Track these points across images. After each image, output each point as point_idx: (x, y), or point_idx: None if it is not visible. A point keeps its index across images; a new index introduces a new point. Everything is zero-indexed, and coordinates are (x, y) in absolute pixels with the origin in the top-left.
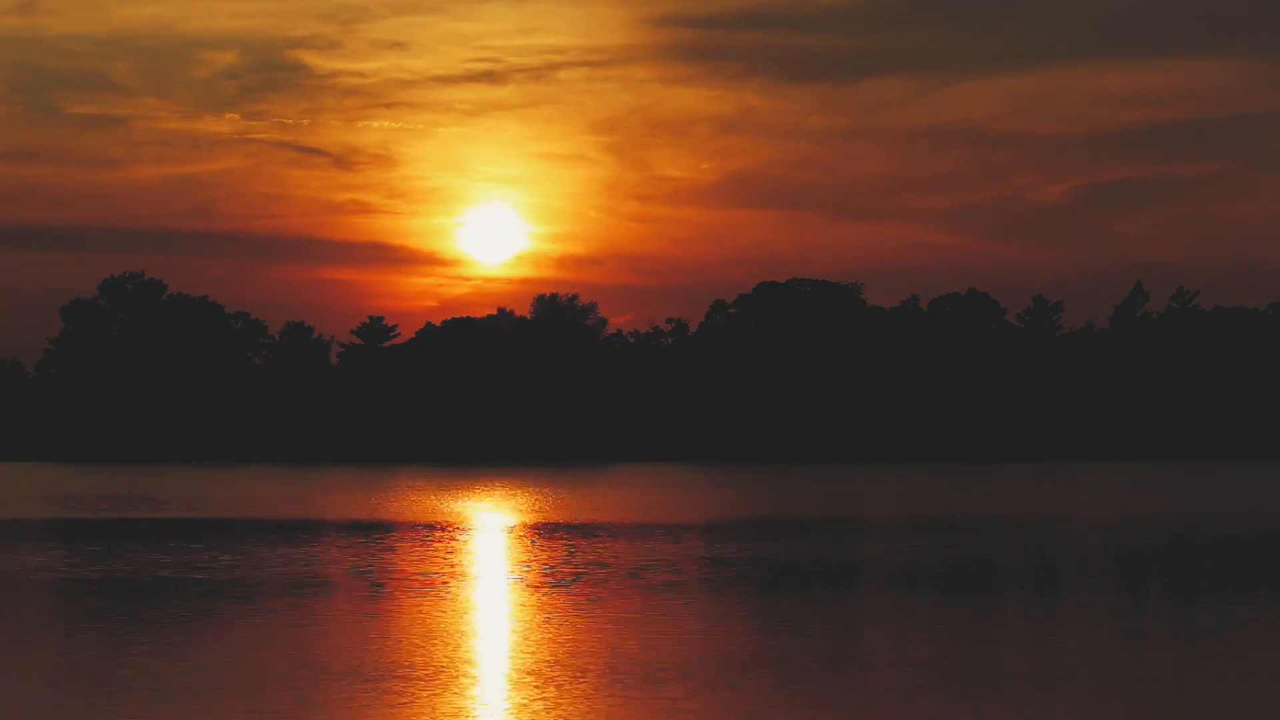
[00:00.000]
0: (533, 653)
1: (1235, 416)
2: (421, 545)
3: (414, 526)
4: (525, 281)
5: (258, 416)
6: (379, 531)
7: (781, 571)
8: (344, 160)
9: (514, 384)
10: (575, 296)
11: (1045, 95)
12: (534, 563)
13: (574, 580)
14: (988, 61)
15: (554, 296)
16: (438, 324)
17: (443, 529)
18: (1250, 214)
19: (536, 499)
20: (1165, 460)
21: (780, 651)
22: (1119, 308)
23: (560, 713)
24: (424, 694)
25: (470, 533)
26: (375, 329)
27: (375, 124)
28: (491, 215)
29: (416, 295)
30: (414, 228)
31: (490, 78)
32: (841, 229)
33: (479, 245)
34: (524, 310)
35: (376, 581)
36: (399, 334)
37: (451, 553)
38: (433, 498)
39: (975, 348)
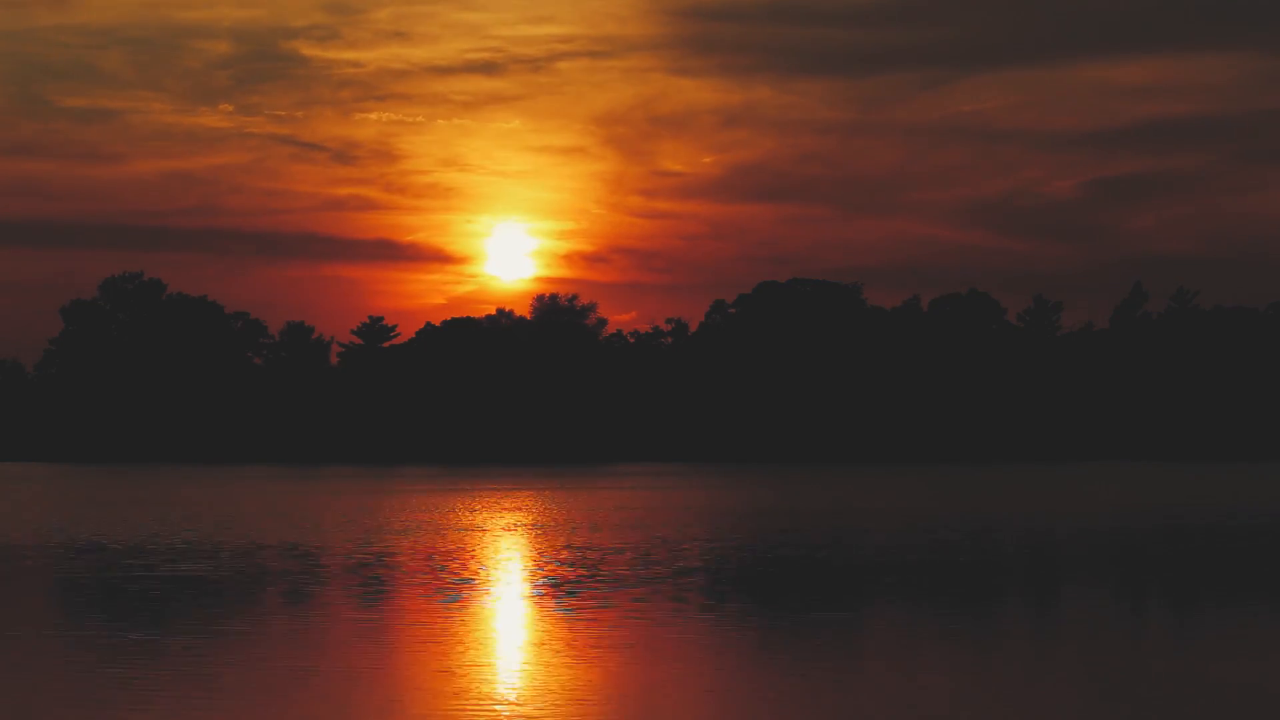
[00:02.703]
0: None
1: (1235, 416)
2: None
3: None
4: (528, 278)
5: (258, 416)
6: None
7: (780, 569)
8: (344, 155)
9: (513, 384)
10: (575, 296)
11: (1054, 89)
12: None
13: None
14: (996, 55)
15: (554, 297)
16: (438, 324)
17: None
18: (1260, 210)
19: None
20: (1165, 460)
21: (776, 648)
22: (1119, 308)
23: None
24: None
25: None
26: (375, 329)
27: (373, 116)
28: (493, 210)
29: (420, 293)
30: (415, 223)
31: (490, 68)
32: (848, 224)
33: (481, 241)
34: (526, 307)
35: None
36: (399, 334)
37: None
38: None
39: (975, 348)
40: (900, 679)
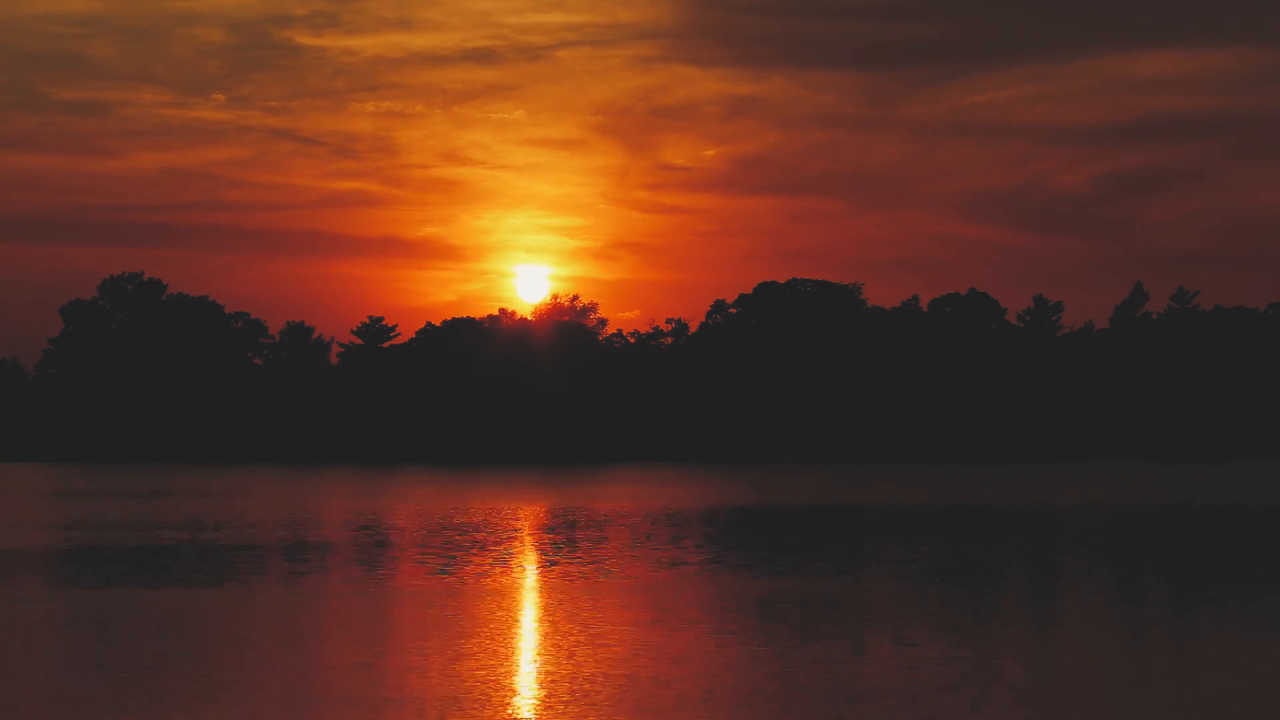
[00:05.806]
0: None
1: (1235, 416)
2: None
3: None
4: (536, 276)
5: (258, 416)
6: None
7: (780, 569)
8: (344, 149)
9: (513, 384)
10: (576, 296)
11: (1065, 83)
12: None
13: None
14: (1006, 49)
15: (554, 297)
16: (438, 324)
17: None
18: (1270, 206)
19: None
20: (1165, 460)
21: (779, 645)
22: (1119, 307)
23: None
24: None
25: None
26: (375, 329)
27: (368, 107)
28: (499, 205)
29: (427, 290)
30: (420, 218)
31: (487, 57)
32: (858, 218)
33: (487, 237)
34: (527, 306)
35: None
36: (399, 334)
37: None
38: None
39: (975, 348)
40: (900, 675)
